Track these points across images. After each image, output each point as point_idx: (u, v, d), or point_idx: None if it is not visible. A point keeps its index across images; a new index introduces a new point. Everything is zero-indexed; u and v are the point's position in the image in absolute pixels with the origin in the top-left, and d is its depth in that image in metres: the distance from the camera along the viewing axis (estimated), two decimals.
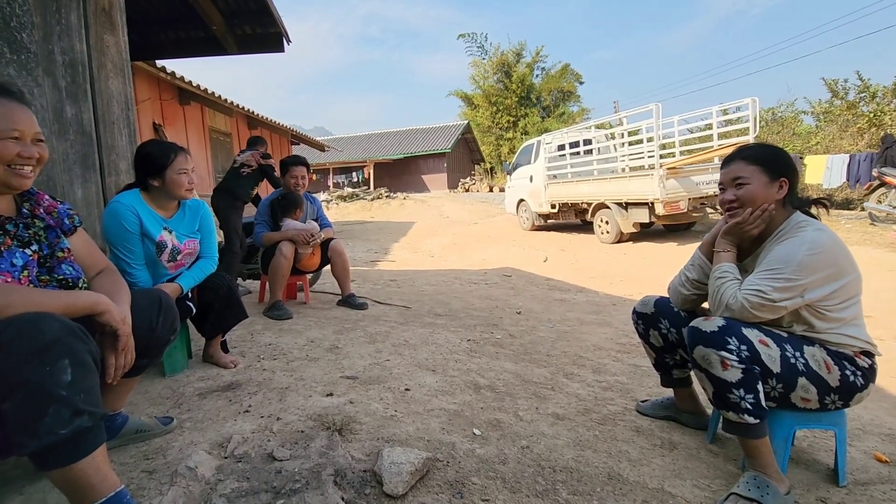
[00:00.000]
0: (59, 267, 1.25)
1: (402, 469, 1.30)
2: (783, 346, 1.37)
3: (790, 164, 1.48)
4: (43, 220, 1.28)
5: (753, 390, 1.33)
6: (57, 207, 1.33)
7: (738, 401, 1.33)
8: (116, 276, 1.39)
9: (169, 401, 1.87)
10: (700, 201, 7.57)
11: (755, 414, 1.33)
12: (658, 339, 1.75)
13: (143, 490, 1.26)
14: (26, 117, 1.16)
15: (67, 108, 2.32)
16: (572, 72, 27.97)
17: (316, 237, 3.40)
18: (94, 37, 2.51)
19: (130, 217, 1.87)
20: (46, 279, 1.22)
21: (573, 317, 3.83)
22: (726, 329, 1.36)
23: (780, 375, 1.35)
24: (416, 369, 2.29)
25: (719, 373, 1.34)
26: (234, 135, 10.38)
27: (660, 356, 1.79)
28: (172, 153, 1.95)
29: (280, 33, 4.76)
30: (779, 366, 1.35)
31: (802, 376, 1.35)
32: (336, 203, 18.97)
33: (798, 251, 1.33)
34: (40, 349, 0.93)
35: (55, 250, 1.26)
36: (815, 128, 14.53)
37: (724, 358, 1.33)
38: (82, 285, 1.29)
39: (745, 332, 1.35)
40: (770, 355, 1.35)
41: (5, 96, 1.14)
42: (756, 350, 1.34)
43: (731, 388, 1.33)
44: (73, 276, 1.27)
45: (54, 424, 0.92)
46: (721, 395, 1.36)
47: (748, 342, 1.34)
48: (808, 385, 1.36)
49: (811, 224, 1.40)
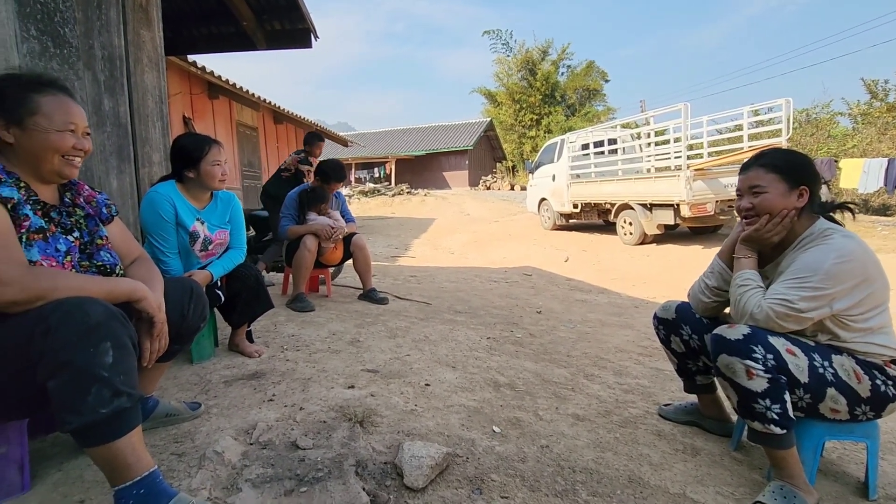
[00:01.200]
0: (97, 253, 1.30)
1: (422, 463, 1.32)
2: (811, 355, 1.33)
3: (811, 170, 1.44)
4: (83, 209, 1.33)
5: (780, 400, 1.29)
6: (96, 197, 1.39)
7: (764, 411, 1.30)
8: (150, 265, 1.44)
9: (197, 387, 1.93)
10: (728, 204, 7.36)
11: (782, 424, 1.29)
12: (680, 345, 1.73)
13: (173, 472, 1.31)
14: (80, 112, 1.24)
15: (105, 102, 2.40)
16: (598, 69, 27.58)
17: (338, 233, 3.44)
18: (131, 32, 2.58)
19: (167, 206, 1.94)
20: (87, 265, 1.27)
21: (594, 318, 3.79)
22: (752, 337, 1.32)
23: (808, 385, 1.31)
24: (436, 365, 2.31)
25: (744, 382, 1.31)
26: (260, 129, 10.55)
27: (682, 362, 1.76)
28: (207, 145, 2.01)
29: (308, 29, 4.82)
30: (807, 375, 1.31)
31: (831, 387, 1.31)
32: (358, 198, 19.15)
33: (825, 259, 1.29)
34: (85, 332, 0.98)
35: (94, 238, 1.32)
36: (852, 130, 14.02)
37: (750, 367, 1.30)
38: (119, 272, 1.34)
39: (772, 341, 1.32)
40: (797, 365, 1.31)
41: (62, 92, 1.22)
42: (783, 359, 1.30)
43: (757, 398, 1.30)
44: (111, 262, 1.32)
45: (96, 403, 0.97)
46: (746, 405, 1.33)
47: (775, 351, 1.31)
48: (837, 396, 1.32)
49: (838, 231, 1.36)
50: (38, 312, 1.00)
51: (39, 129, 1.16)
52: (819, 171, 1.49)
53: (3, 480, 1.18)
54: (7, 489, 1.19)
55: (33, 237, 1.15)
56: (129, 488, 1.02)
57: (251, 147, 10.11)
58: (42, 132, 1.16)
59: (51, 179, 1.24)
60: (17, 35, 1.89)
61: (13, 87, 1.15)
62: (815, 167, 1.47)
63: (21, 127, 1.15)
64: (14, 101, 1.14)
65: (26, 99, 1.15)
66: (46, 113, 1.17)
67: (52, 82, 1.21)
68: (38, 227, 1.17)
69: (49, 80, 1.21)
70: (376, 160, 25.30)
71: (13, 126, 1.15)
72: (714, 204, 7.10)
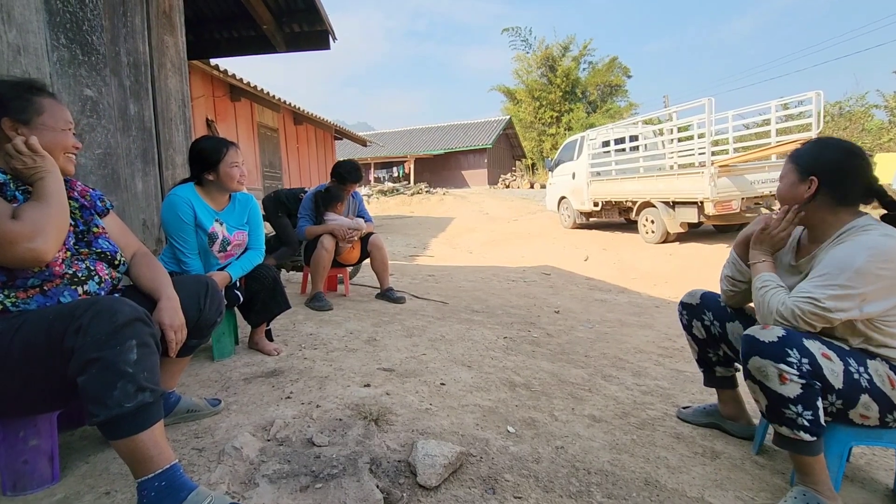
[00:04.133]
0: (96, 241, 1.36)
1: (435, 462, 1.32)
2: (847, 360, 1.27)
3: (827, 162, 1.36)
4: (77, 201, 1.39)
5: (813, 406, 1.23)
6: (89, 192, 1.45)
7: (795, 417, 1.24)
8: (152, 260, 1.49)
9: (217, 384, 1.98)
10: (755, 201, 7.16)
11: (812, 431, 1.24)
12: (701, 330, 1.71)
13: (193, 466, 1.34)
14: (69, 113, 1.33)
15: (131, 106, 2.47)
16: (620, 65, 27.11)
17: (355, 233, 3.48)
18: (155, 38, 2.66)
19: (186, 208, 1.99)
20: (86, 252, 1.33)
21: (613, 318, 3.74)
22: (786, 340, 1.25)
23: (841, 392, 1.26)
24: (452, 364, 2.31)
25: (776, 387, 1.25)
26: (280, 130, 10.73)
27: (703, 350, 1.74)
28: (224, 147, 2.05)
29: (326, 31, 4.88)
30: (841, 381, 1.25)
31: (865, 393, 1.26)
32: (377, 197, 19.28)
33: (857, 257, 1.23)
34: (113, 330, 1.04)
35: (90, 226, 1.38)
36: (888, 123, 13.46)
37: (784, 371, 1.23)
38: (120, 258, 1.40)
39: (807, 344, 1.25)
40: (833, 370, 1.25)
41: (51, 96, 1.30)
42: (818, 364, 1.24)
43: (789, 404, 1.24)
44: (111, 250, 1.38)
45: (121, 398, 1.02)
46: (776, 410, 1.27)
47: (810, 355, 1.24)
48: (870, 402, 1.26)
49: (878, 228, 1.28)
50: (71, 311, 1.07)
51: (47, 128, 1.24)
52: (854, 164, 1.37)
53: (35, 471, 1.24)
54: (38, 480, 1.24)
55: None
56: (151, 480, 1.06)
57: (272, 148, 10.29)
58: (49, 131, 1.24)
59: None
60: (48, 44, 1.97)
61: (16, 89, 1.22)
62: (847, 159, 1.36)
63: (29, 126, 1.22)
64: (22, 103, 1.21)
65: (31, 101, 1.22)
66: (51, 113, 1.25)
67: (44, 87, 1.30)
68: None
69: (42, 85, 1.30)
70: (395, 159, 25.43)
71: (22, 126, 1.21)
72: (740, 201, 6.90)
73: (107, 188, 2.26)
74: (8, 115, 1.19)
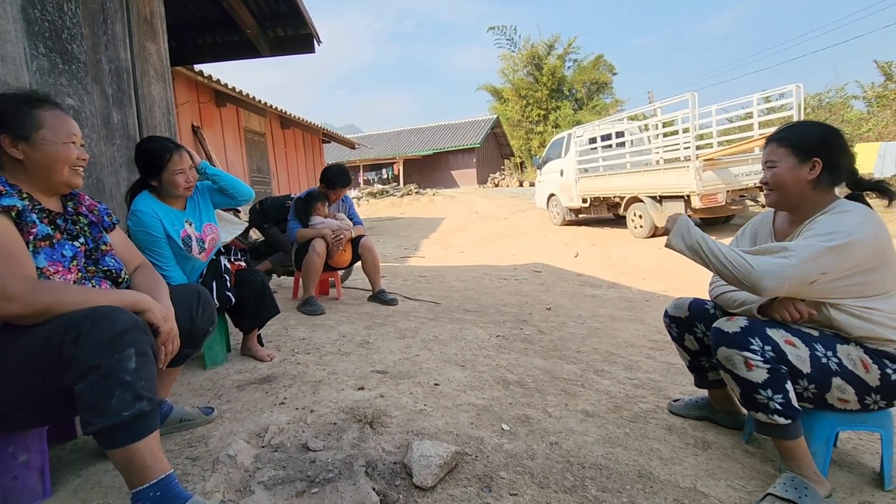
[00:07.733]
0: (103, 259, 1.35)
1: (431, 462, 1.33)
2: (812, 345, 1.33)
3: (826, 142, 1.38)
4: (86, 217, 1.38)
5: (782, 390, 1.29)
6: (97, 206, 1.44)
7: (767, 401, 1.30)
8: (153, 272, 1.48)
9: (210, 392, 1.96)
10: (739, 193, 7.28)
11: (785, 414, 1.29)
12: (693, 343, 1.70)
13: (188, 476, 1.34)
14: (75, 124, 1.30)
15: (114, 114, 2.44)
16: (606, 62, 27.29)
17: (343, 234, 3.47)
18: (137, 45, 2.63)
19: (153, 223, 1.88)
20: (93, 270, 1.31)
21: (605, 313, 3.77)
22: (749, 329, 1.33)
23: (811, 375, 1.31)
24: (446, 364, 2.32)
25: (744, 373, 1.32)
26: (267, 134, 10.65)
27: (695, 359, 1.74)
28: (167, 154, 1.91)
29: (311, 34, 4.86)
30: (808, 366, 1.31)
31: (836, 376, 1.31)
32: (366, 200, 19.23)
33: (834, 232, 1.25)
34: (112, 338, 1.03)
35: (99, 244, 1.37)
36: (867, 113, 13.72)
37: (748, 358, 1.31)
38: (124, 276, 1.39)
39: (770, 333, 1.32)
40: (798, 355, 1.31)
41: (56, 106, 1.27)
42: (782, 350, 1.31)
43: (758, 389, 1.30)
44: (116, 267, 1.37)
45: (119, 406, 1.02)
46: (748, 396, 1.34)
47: (772, 342, 1.31)
48: (843, 385, 1.31)
49: (857, 210, 1.31)
50: (70, 321, 1.06)
51: (48, 143, 1.21)
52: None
53: (26, 487, 1.22)
54: (29, 495, 1.23)
55: (40, 244, 1.19)
56: (146, 490, 1.05)
57: (259, 153, 10.21)
58: (51, 145, 1.22)
59: (59, 190, 1.30)
60: (27, 53, 1.94)
61: (15, 104, 1.20)
62: (836, 138, 1.40)
63: (30, 142, 1.20)
64: (20, 118, 1.19)
65: (31, 115, 1.20)
66: (51, 127, 1.22)
67: (46, 97, 1.27)
68: (44, 234, 1.21)
69: (44, 96, 1.27)
70: (384, 161, 25.37)
71: (21, 142, 1.19)
72: (725, 194, 7.01)
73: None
74: (7, 131, 1.18)
